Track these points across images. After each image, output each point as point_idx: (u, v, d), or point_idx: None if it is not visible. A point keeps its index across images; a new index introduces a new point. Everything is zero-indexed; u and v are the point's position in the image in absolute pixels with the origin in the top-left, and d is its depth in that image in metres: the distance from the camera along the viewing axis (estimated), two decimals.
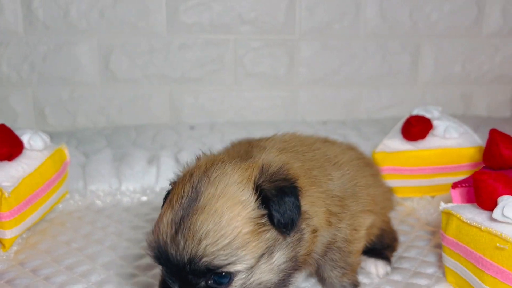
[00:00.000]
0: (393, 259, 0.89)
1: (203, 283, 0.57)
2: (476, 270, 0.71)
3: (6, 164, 0.92)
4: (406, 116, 1.18)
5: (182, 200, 0.59)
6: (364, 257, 0.85)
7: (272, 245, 0.59)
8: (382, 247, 0.88)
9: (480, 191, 0.74)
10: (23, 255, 0.91)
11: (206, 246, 0.56)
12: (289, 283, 0.63)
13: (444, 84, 1.86)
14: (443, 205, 0.81)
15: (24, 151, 0.96)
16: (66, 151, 1.08)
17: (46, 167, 0.99)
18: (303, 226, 0.64)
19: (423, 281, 0.82)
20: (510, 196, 0.71)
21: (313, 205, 0.66)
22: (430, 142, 1.08)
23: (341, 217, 0.70)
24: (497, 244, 0.67)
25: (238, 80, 1.76)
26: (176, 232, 0.57)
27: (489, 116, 1.87)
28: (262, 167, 0.63)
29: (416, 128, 1.07)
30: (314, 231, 0.66)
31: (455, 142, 1.07)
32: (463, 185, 0.85)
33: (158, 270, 0.84)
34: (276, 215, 0.58)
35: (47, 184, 0.99)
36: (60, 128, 1.72)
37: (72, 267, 0.87)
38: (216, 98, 1.77)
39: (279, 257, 0.60)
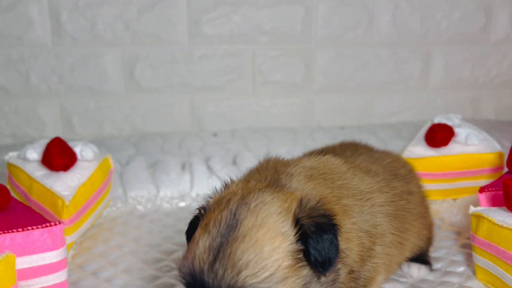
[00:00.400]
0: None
1: None
2: (508, 267, 0.79)
3: (62, 175, 0.98)
4: (427, 123, 1.25)
5: (220, 226, 0.57)
6: (407, 262, 0.92)
7: (309, 283, 0.57)
8: (423, 254, 0.94)
9: (509, 195, 0.81)
10: (81, 259, 0.97)
11: (246, 277, 0.53)
12: None
13: (453, 89, 1.94)
14: (472, 209, 0.88)
15: (77, 161, 1.03)
16: (111, 160, 1.14)
17: (96, 176, 1.06)
18: (339, 266, 0.62)
19: (454, 279, 0.89)
20: None
21: (348, 241, 0.64)
22: (453, 148, 1.15)
23: (371, 253, 0.69)
24: None
25: (257, 88, 1.83)
26: (215, 259, 0.54)
27: (497, 120, 1.95)
28: (301, 200, 0.61)
29: (440, 135, 1.14)
30: (351, 272, 0.64)
31: (476, 148, 1.14)
32: (490, 189, 0.92)
33: None
34: (314, 253, 0.56)
35: (97, 192, 1.06)
36: (87, 136, 1.78)
37: (129, 270, 0.93)
38: (236, 105, 1.84)
39: None
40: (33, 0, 1.65)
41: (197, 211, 0.66)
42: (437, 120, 1.21)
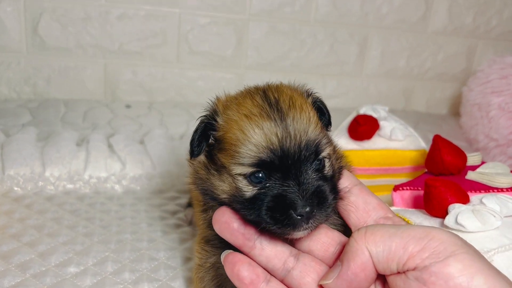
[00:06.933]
0: None
1: (311, 170, 0.59)
2: None
3: None
4: (352, 113, 1.16)
5: (264, 108, 0.60)
6: None
7: (327, 135, 0.66)
8: None
9: (431, 196, 0.73)
10: None
11: (311, 132, 0.60)
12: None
13: (387, 77, 1.88)
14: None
15: None
16: None
17: None
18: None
19: None
20: (461, 204, 0.72)
21: None
22: (376, 142, 1.06)
23: None
24: None
25: (181, 58, 1.66)
26: (287, 130, 0.58)
27: (428, 113, 1.92)
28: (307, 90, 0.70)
29: (363, 128, 1.05)
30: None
31: (399, 144, 1.06)
32: (405, 188, 0.85)
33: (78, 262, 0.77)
34: (327, 114, 0.67)
35: None
36: None
37: None
38: (156, 75, 1.66)
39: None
40: None
41: (204, 118, 0.64)
42: (363, 110, 1.11)
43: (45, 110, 1.44)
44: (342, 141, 1.08)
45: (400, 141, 1.07)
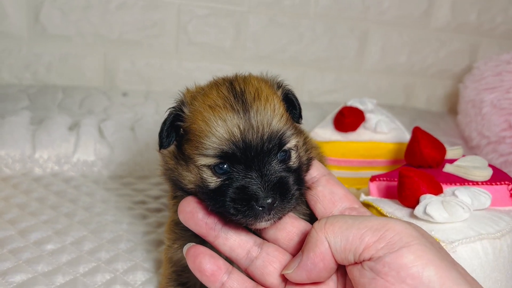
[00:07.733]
0: None
1: (275, 161, 0.60)
2: None
3: None
4: (342, 105, 1.16)
5: (228, 99, 0.60)
6: None
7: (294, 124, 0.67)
8: None
9: (404, 186, 0.74)
10: None
11: (276, 123, 0.60)
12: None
13: (388, 73, 1.87)
14: (363, 197, 0.82)
15: None
16: None
17: None
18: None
19: None
20: (432, 195, 0.72)
21: None
22: (360, 134, 1.07)
23: None
24: None
25: (180, 48, 1.68)
26: (249, 122, 0.59)
27: (427, 110, 1.90)
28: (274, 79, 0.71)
29: (348, 120, 1.05)
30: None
31: (384, 137, 1.06)
32: (381, 179, 0.85)
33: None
34: (298, 106, 0.68)
35: None
36: None
37: None
38: (154, 64, 1.68)
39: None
40: None
41: (172, 109, 0.66)
42: (350, 103, 1.11)
43: (43, 96, 1.46)
44: (327, 132, 1.08)
45: (384, 134, 1.07)
